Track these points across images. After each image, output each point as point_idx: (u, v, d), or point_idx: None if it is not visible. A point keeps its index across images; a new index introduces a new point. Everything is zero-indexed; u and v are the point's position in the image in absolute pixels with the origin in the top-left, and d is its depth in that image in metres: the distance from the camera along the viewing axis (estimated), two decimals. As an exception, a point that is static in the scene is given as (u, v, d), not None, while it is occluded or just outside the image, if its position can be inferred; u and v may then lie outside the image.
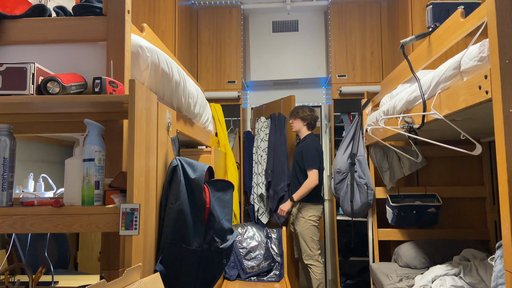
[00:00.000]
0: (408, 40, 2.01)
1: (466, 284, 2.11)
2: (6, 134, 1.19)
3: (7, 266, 1.67)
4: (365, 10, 3.94)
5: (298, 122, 3.42)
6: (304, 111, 3.41)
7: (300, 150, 3.35)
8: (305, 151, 3.29)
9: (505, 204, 1.12)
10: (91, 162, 1.18)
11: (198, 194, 1.47)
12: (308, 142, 3.36)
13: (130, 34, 1.38)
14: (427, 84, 1.73)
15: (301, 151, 3.31)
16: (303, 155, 3.28)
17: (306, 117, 3.39)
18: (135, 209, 1.12)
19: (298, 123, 3.42)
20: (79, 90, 1.27)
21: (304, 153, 3.29)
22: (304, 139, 3.41)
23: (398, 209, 2.93)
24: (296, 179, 3.39)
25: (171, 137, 1.60)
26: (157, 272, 1.28)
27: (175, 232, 1.39)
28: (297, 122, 3.42)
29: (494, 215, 3.06)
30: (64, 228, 1.15)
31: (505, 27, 1.14)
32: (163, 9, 3.48)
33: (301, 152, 3.31)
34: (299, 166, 3.36)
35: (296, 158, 3.39)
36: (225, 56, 3.98)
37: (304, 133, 3.43)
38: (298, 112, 3.41)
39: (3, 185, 1.17)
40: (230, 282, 2.92)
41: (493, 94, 1.18)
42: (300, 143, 3.43)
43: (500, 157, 1.14)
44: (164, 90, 1.67)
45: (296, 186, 3.36)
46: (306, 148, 3.30)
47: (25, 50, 1.39)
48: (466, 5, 1.75)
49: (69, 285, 1.81)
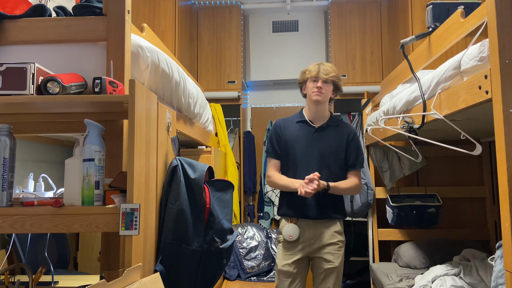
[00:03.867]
0: (408, 40, 2.01)
1: (466, 284, 2.11)
2: (6, 134, 1.19)
3: (7, 266, 1.67)
4: (365, 10, 3.94)
5: (330, 89, 2.10)
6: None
7: (351, 140, 2.12)
8: (360, 145, 2.17)
9: (505, 204, 1.12)
10: (91, 162, 1.18)
11: (198, 194, 1.47)
12: (355, 130, 2.20)
13: (130, 34, 1.38)
14: (427, 84, 1.73)
15: (357, 145, 2.13)
16: (359, 150, 2.14)
17: (339, 87, 2.14)
18: (135, 209, 1.12)
19: (329, 90, 2.10)
20: (79, 90, 1.27)
21: (360, 147, 2.15)
22: (341, 125, 2.17)
23: (398, 209, 2.93)
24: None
25: (171, 137, 1.60)
26: (157, 272, 1.28)
27: (175, 232, 1.39)
28: (329, 88, 2.09)
29: (494, 215, 3.06)
30: (64, 228, 1.15)
31: (505, 27, 1.14)
32: (163, 9, 3.48)
33: (357, 146, 2.13)
34: (338, 161, 2.09)
35: (337, 151, 2.09)
36: (225, 56, 3.98)
37: (326, 110, 2.15)
38: (339, 77, 2.12)
39: (3, 185, 1.17)
40: (230, 282, 2.92)
41: (493, 94, 1.18)
42: (341, 128, 2.14)
43: (500, 157, 1.14)
44: (164, 90, 1.67)
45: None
46: (359, 141, 2.20)
47: (25, 50, 1.39)
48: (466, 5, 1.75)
49: (69, 285, 1.81)
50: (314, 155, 2.06)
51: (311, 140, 2.09)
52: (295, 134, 2.11)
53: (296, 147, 2.08)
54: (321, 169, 2.01)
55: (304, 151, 2.07)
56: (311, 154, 2.06)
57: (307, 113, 2.15)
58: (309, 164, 2.04)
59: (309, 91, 2.09)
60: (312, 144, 2.08)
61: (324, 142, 2.09)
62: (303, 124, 2.12)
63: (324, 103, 2.09)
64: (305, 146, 2.07)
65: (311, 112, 2.12)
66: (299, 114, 2.18)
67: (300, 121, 2.14)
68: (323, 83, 2.05)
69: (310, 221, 2.03)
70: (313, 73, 2.06)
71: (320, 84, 2.05)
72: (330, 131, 2.11)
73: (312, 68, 2.10)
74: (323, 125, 2.11)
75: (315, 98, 2.05)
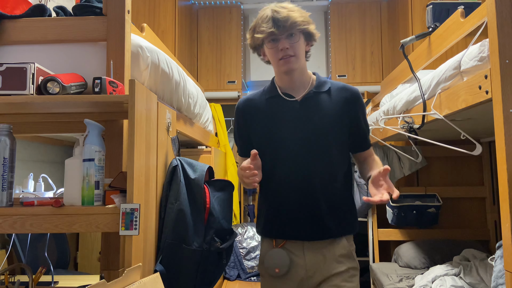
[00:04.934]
0: (408, 40, 2.01)
1: (466, 284, 2.11)
2: (6, 134, 1.19)
3: (7, 266, 1.67)
4: (365, 10, 3.93)
5: (300, 43, 1.39)
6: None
7: (357, 107, 1.42)
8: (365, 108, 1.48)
9: (505, 204, 1.12)
10: (91, 162, 1.18)
11: (198, 194, 1.47)
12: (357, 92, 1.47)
13: (130, 34, 1.38)
14: (427, 84, 1.73)
15: (365, 115, 1.47)
16: (367, 123, 1.47)
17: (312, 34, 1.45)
18: (135, 209, 1.12)
19: (300, 46, 1.39)
20: (79, 90, 1.27)
21: (366, 119, 1.48)
22: (335, 87, 1.44)
23: (398, 209, 2.93)
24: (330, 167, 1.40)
25: (171, 137, 1.60)
26: (157, 272, 1.28)
27: (175, 232, 1.39)
28: (298, 43, 1.38)
29: (494, 215, 3.06)
30: (64, 228, 1.15)
31: (505, 27, 1.14)
32: (163, 9, 3.48)
33: (358, 110, 1.42)
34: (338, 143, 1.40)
35: (337, 128, 1.39)
36: (225, 56, 3.98)
37: (306, 72, 1.46)
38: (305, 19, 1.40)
39: (3, 185, 1.17)
40: (230, 282, 2.92)
41: (493, 94, 1.18)
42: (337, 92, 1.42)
43: (500, 157, 1.14)
44: (164, 90, 1.67)
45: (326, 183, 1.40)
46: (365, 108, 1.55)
47: (25, 50, 1.39)
48: (466, 5, 1.75)
49: (69, 285, 1.81)
50: (305, 142, 1.36)
51: (296, 120, 1.37)
52: (269, 117, 1.40)
53: (274, 137, 1.38)
54: (317, 160, 1.35)
55: (288, 140, 1.37)
56: (299, 142, 1.36)
57: (280, 83, 1.44)
58: (298, 156, 1.35)
59: (272, 60, 1.38)
60: (298, 127, 1.36)
61: (316, 118, 1.37)
62: (278, 99, 1.41)
63: (299, 68, 1.39)
64: (289, 133, 1.37)
65: (284, 82, 1.42)
66: (270, 86, 1.46)
67: (273, 97, 1.42)
68: (287, 39, 1.33)
69: (304, 244, 1.36)
70: (267, 30, 1.32)
71: (283, 44, 1.33)
72: (321, 101, 1.39)
73: (262, 22, 1.34)
74: (308, 94, 1.39)
75: (284, 68, 1.36)
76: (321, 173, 1.36)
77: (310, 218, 1.36)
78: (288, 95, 1.42)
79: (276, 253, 1.37)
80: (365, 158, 1.47)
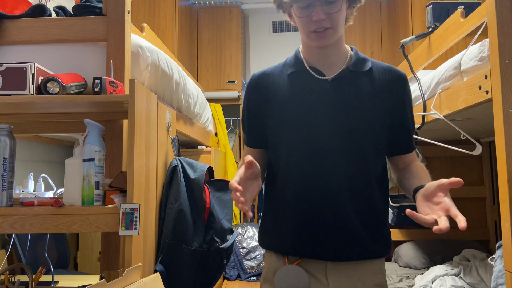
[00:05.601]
0: (408, 40, 2.01)
1: (466, 284, 2.11)
2: (6, 134, 1.19)
3: (7, 266, 1.67)
4: (365, 10, 3.93)
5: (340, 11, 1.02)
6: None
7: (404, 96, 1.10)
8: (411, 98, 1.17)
9: (505, 204, 1.12)
10: (91, 162, 1.18)
11: (198, 194, 1.47)
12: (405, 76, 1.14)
13: (130, 34, 1.38)
14: (427, 84, 1.73)
15: (405, 98, 1.11)
16: (411, 114, 1.13)
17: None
18: (135, 209, 1.12)
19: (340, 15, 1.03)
20: (79, 90, 1.27)
21: (411, 103, 1.15)
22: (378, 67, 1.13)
23: (398, 209, 2.93)
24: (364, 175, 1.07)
25: (171, 137, 1.60)
26: (157, 272, 1.28)
27: (175, 232, 1.39)
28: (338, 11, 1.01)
29: (494, 215, 3.06)
30: (64, 228, 1.15)
31: (505, 27, 1.14)
32: (163, 9, 3.48)
33: (405, 99, 1.11)
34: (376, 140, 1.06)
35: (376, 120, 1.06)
36: (225, 56, 3.98)
37: (342, 47, 1.14)
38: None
39: (3, 185, 1.17)
40: (230, 282, 2.92)
41: (493, 94, 1.18)
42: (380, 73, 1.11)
43: (500, 157, 1.14)
44: (164, 90, 1.67)
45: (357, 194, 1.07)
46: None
47: (25, 50, 1.39)
48: (466, 5, 1.75)
49: (69, 285, 1.81)
50: (334, 133, 1.03)
51: (324, 104, 1.05)
52: (291, 97, 1.08)
53: (296, 123, 1.05)
54: (349, 157, 1.02)
55: (314, 128, 1.04)
56: (327, 132, 1.03)
57: (307, 56, 1.12)
58: (324, 150, 1.03)
59: (302, 30, 1.05)
60: (326, 114, 1.04)
61: (350, 105, 1.04)
62: (304, 75, 1.09)
63: (335, 42, 1.07)
64: (314, 120, 1.04)
65: (313, 55, 1.10)
66: (294, 59, 1.13)
67: (297, 72, 1.10)
68: (325, 5, 0.98)
69: (327, 265, 1.05)
70: None
71: (318, 14, 0.98)
72: (358, 83, 1.06)
73: None
74: (342, 73, 1.07)
75: (317, 44, 1.05)
76: (353, 174, 1.02)
77: (337, 231, 1.02)
78: (317, 70, 1.08)
79: (291, 270, 1.04)
80: (407, 164, 1.12)
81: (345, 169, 1.03)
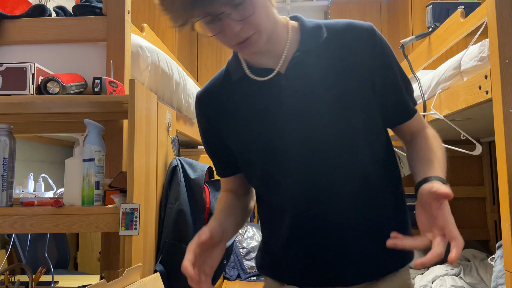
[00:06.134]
0: (408, 40, 2.01)
1: (466, 284, 2.11)
2: (6, 134, 1.19)
3: (7, 266, 1.67)
4: (365, 10, 3.94)
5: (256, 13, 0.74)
6: None
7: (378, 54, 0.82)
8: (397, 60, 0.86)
9: (505, 204, 1.12)
10: (91, 162, 1.18)
11: (198, 194, 1.47)
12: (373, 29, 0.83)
13: (130, 34, 1.38)
14: (427, 84, 1.73)
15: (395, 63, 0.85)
16: (402, 73, 0.87)
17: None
18: (135, 209, 1.12)
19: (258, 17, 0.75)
20: (79, 90, 1.27)
21: (399, 65, 0.87)
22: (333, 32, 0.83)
23: (398, 209, 2.92)
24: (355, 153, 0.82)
25: (171, 137, 1.60)
26: (157, 272, 1.28)
27: (175, 232, 1.39)
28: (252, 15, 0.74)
29: (494, 215, 3.06)
30: (64, 228, 1.15)
31: (505, 27, 1.14)
32: (163, 9, 3.48)
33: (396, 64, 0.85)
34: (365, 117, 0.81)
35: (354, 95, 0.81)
36: (225, 56, 3.98)
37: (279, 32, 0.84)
38: None
39: (3, 185, 1.17)
40: (230, 282, 2.92)
41: (493, 94, 1.18)
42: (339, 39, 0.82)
43: (500, 157, 1.14)
44: (164, 90, 1.67)
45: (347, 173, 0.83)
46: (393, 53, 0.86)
47: (25, 50, 1.39)
48: (466, 5, 1.75)
49: (69, 285, 1.81)
50: (310, 137, 0.80)
51: (286, 106, 0.81)
52: (242, 110, 0.86)
53: (260, 141, 0.84)
54: (334, 160, 0.80)
55: (283, 139, 0.81)
56: (300, 139, 0.80)
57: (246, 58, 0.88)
58: (303, 162, 0.80)
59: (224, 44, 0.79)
60: (292, 116, 0.81)
61: (318, 94, 0.80)
62: (246, 81, 0.86)
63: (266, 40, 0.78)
64: (280, 129, 0.81)
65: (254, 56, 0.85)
66: (234, 62, 0.90)
67: (240, 78, 0.86)
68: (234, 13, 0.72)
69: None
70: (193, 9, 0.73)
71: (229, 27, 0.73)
72: (318, 62, 0.81)
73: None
74: (293, 60, 0.81)
75: (247, 54, 0.84)
76: (345, 178, 0.81)
77: (337, 250, 0.82)
78: (261, 71, 0.83)
79: None
80: (414, 135, 0.94)
81: (334, 175, 0.81)
